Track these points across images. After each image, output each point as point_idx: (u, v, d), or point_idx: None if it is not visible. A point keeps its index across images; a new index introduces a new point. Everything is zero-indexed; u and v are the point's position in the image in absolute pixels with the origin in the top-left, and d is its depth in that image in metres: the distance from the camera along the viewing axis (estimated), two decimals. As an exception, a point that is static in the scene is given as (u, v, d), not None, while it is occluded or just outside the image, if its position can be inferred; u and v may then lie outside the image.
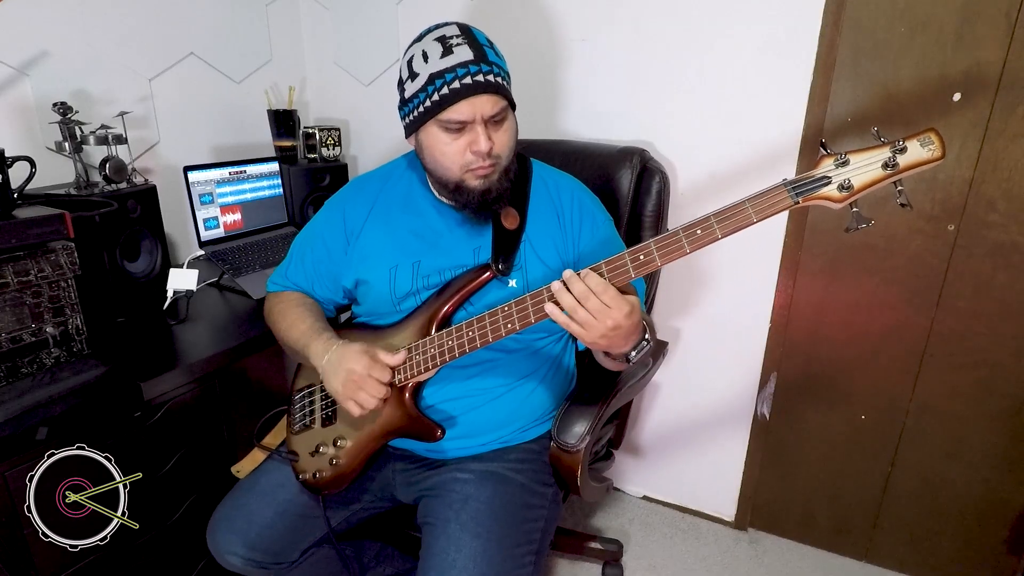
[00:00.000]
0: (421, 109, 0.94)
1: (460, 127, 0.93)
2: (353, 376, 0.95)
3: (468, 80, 0.90)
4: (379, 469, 1.11)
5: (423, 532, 1.00)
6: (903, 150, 0.73)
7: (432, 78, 0.91)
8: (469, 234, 1.04)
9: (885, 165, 0.74)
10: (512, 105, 0.98)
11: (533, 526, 1.01)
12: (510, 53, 1.03)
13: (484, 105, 0.91)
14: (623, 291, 0.85)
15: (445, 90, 0.90)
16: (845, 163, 0.75)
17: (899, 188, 0.76)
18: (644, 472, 1.83)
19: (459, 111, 0.91)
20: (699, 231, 0.79)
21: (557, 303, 0.84)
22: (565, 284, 0.84)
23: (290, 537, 1.06)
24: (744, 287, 1.52)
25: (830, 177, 0.75)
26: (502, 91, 0.93)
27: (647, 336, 0.92)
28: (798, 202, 0.76)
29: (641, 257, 0.82)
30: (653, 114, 1.48)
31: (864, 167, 0.75)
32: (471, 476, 1.02)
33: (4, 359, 1.00)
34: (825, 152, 0.76)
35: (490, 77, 0.91)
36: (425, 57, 0.93)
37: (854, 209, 0.77)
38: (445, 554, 0.92)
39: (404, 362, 0.99)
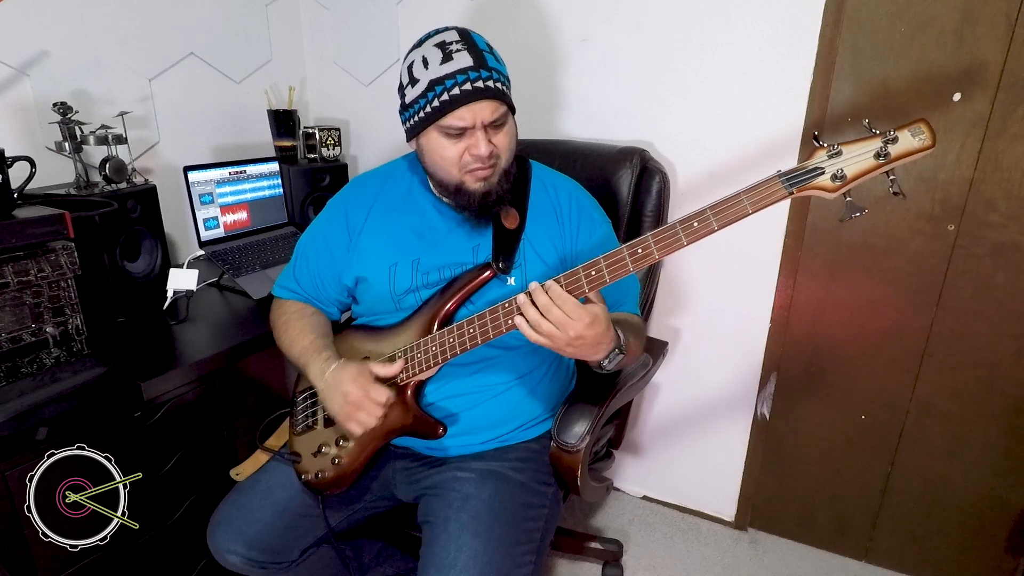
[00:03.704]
0: (421, 115, 0.95)
1: (460, 132, 0.94)
2: (349, 398, 0.96)
3: (468, 87, 0.91)
4: (380, 468, 1.11)
5: (423, 531, 1.00)
6: (894, 140, 0.75)
7: (432, 84, 0.92)
8: (469, 233, 1.04)
9: (877, 155, 0.75)
10: (512, 109, 0.98)
11: (533, 525, 1.01)
12: (509, 53, 1.03)
13: (483, 111, 0.92)
14: (591, 301, 0.85)
15: (445, 96, 0.91)
16: (838, 154, 0.77)
17: (892, 178, 0.78)
18: (644, 472, 1.83)
19: (459, 117, 0.92)
20: (696, 223, 0.81)
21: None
22: (530, 296, 0.85)
23: (290, 536, 1.06)
24: (744, 287, 1.52)
25: (823, 168, 0.77)
26: (501, 97, 0.94)
27: (621, 345, 0.92)
28: (792, 192, 0.78)
29: (639, 251, 0.84)
30: (653, 114, 1.48)
31: (856, 157, 0.76)
32: (472, 475, 1.02)
33: (4, 359, 1.00)
34: (818, 144, 0.78)
35: (489, 83, 0.92)
36: (425, 63, 0.93)
37: (848, 199, 0.79)
38: (446, 553, 0.92)
39: (401, 371, 1.00)
